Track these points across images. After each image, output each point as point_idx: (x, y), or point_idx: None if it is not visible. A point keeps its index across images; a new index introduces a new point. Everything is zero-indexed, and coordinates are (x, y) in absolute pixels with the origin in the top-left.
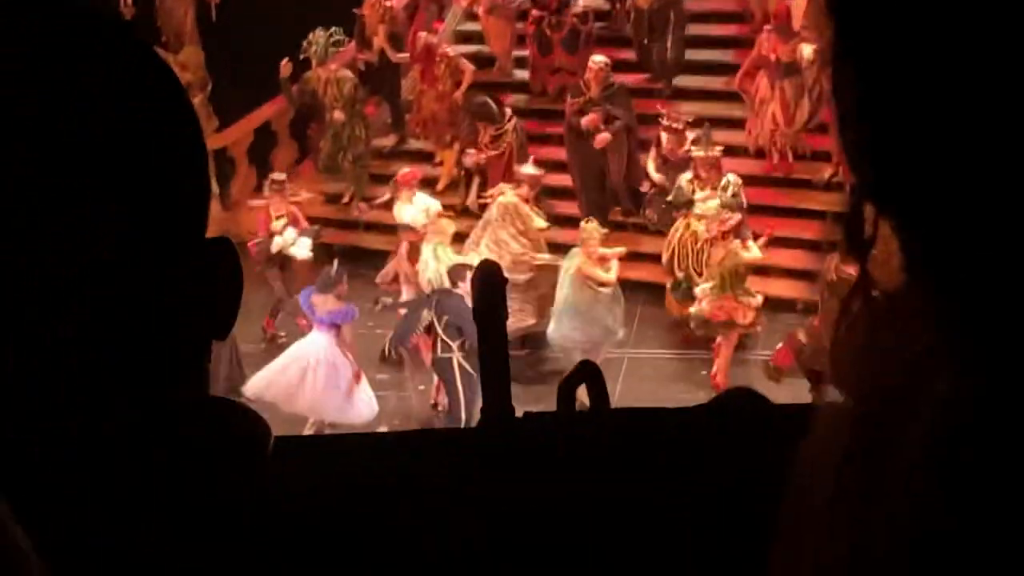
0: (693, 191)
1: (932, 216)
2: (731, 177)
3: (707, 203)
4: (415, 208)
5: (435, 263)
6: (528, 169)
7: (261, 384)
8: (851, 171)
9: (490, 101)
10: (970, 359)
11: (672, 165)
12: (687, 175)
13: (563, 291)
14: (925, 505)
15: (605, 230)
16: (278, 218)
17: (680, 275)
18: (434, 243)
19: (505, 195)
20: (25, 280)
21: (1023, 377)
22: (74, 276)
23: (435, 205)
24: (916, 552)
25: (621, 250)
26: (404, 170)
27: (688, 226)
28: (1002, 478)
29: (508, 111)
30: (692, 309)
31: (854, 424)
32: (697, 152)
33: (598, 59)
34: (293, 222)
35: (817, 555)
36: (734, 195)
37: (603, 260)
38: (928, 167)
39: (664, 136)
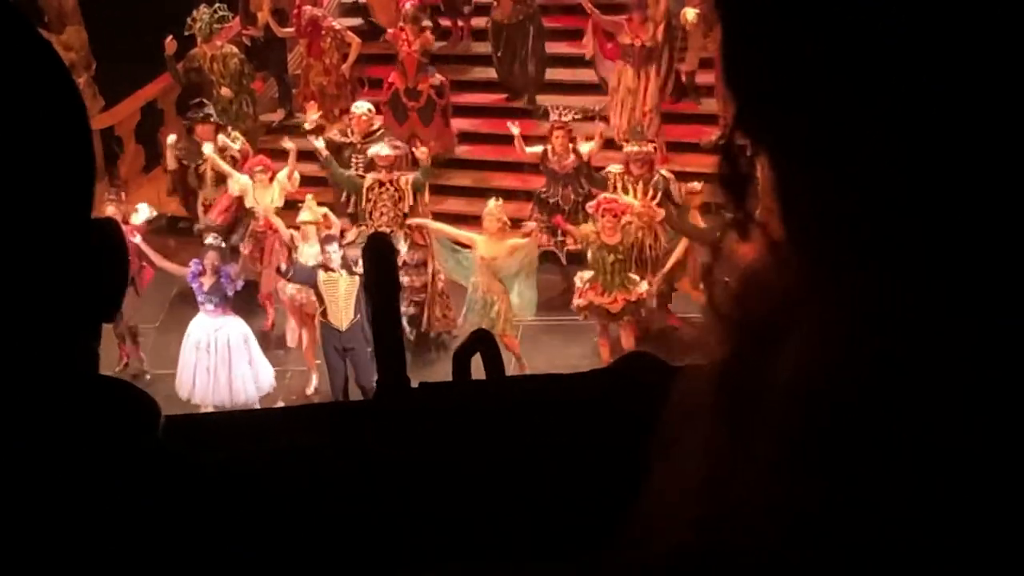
0: (623, 186)
1: (791, 146)
2: (664, 172)
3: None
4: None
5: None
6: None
7: (188, 387)
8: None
9: (205, 103)
10: (831, 298)
11: (558, 178)
12: (617, 167)
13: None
14: (787, 445)
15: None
16: None
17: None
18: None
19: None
20: None
21: (881, 315)
22: None
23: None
24: (779, 496)
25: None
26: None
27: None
28: (861, 420)
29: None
30: (576, 300)
31: (721, 368)
32: (630, 147)
33: (361, 106)
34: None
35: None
36: (666, 192)
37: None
38: (783, 95)
39: (550, 148)
